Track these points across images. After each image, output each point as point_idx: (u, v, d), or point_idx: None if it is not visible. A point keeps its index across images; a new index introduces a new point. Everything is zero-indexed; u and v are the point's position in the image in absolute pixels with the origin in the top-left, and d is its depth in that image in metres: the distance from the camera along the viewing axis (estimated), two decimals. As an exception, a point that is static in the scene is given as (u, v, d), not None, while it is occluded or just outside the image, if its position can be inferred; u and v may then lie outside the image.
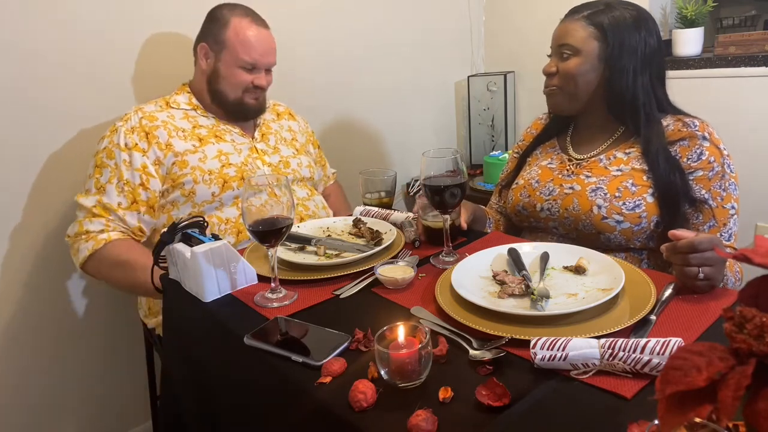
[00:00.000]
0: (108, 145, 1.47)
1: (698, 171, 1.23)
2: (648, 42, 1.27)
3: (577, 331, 0.83)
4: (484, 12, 2.67)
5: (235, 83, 1.54)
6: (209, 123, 1.58)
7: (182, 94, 1.60)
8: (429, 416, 0.67)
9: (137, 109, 1.52)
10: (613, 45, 1.25)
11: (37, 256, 1.64)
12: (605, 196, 1.25)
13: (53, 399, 1.72)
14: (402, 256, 1.19)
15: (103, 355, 1.80)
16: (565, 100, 1.33)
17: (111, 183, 1.44)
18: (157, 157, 1.47)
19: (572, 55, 1.28)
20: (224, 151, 1.55)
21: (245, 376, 0.94)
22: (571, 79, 1.29)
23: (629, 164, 1.28)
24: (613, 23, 1.25)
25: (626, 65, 1.26)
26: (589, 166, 1.33)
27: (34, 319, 1.66)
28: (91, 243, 1.42)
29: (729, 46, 1.97)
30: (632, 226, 1.24)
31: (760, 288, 0.51)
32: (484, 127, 2.63)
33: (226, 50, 1.52)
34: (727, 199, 1.24)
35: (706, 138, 1.25)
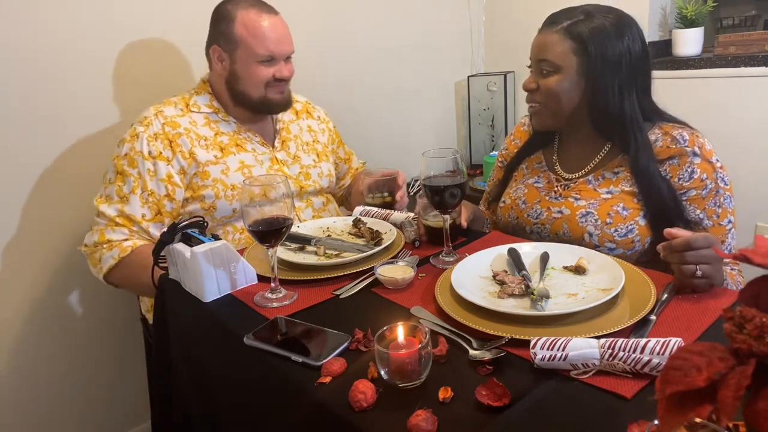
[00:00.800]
0: (129, 152, 1.40)
1: (691, 191, 1.19)
2: (632, 50, 1.19)
3: (577, 331, 0.83)
4: (484, 12, 2.67)
5: (256, 81, 1.46)
6: (231, 129, 1.53)
7: (203, 95, 1.53)
8: (429, 416, 0.67)
9: (157, 112, 1.45)
10: (595, 59, 1.18)
11: (38, 257, 1.64)
12: (596, 223, 1.21)
13: (53, 399, 1.72)
14: (402, 256, 1.19)
15: (103, 355, 1.80)
16: (549, 117, 1.28)
17: (135, 194, 1.39)
18: (181, 166, 1.43)
19: (552, 72, 1.22)
20: (246, 162, 1.50)
21: (245, 376, 0.94)
22: (553, 97, 1.23)
23: (619, 186, 1.24)
24: (593, 34, 1.18)
25: (609, 80, 1.19)
26: (578, 187, 1.29)
27: (34, 319, 1.66)
28: (116, 251, 1.37)
29: (729, 46, 1.97)
30: (625, 252, 1.22)
31: (760, 288, 0.51)
32: (484, 127, 2.63)
33: (239, 48, 1.44)
34: (723, 215, 1.20)
35: (697, 154, 1.19)
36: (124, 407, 1.85)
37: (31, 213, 1.61)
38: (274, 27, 1.45)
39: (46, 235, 1.64)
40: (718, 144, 1.98)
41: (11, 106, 1.52)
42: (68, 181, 1.64)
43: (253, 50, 1.43)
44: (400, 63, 2.44)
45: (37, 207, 1.61)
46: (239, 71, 1.46)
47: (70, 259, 1.67)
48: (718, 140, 1.98)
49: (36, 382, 1.69)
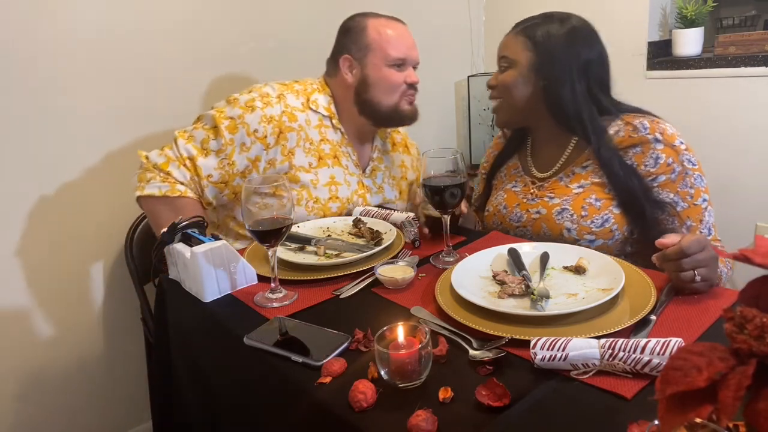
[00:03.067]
0: (236, 119, 1.38)
1: (660, 176, 1.22)
2: (582, 54, 1.26)
3: (577, 331, 0.83)
4: (484, 12, 2.67)
5: (388, 85, 1.46)
6: (336, 139, 1.51)
7: (323, 95, 1.52)
8: (429, 416, 0.67)
9: (281, 95, 1.44)
10: (543, 56, 1.27)
11: (38, 257, 1.64)
12: (572, 218, 1.25)
13: (53, 399, 1.72)
14: (402, 256, 1.19)
15: (103, 355, 1.80)
16: (505, 112, 1.36)
17: (218, 156, 1.37)
18: (274, 158, 1.41)
19: (508, 67, 1.32)
20: (336, 179, 1.49)
21: (245, 376, 0.94)
22: (506, 91, 1.32)
23: (588, 179, 1.28)
24: (545, 35, 1.27)
25: (560, 76, 1.26)
26: (551, 186, 1.33)
27: (34, 319, 1.66)
28: (166, 186, 1.35)
29: (729, 46, 1.97)
30: (606, 242, 1.24)
31: (760, 288, 0.51)
32: (484, 127, 2.63)
33: (371, 52, 1.45)
34: (696, 195, 1.23)
35: (659, 140, 1.22)
36: (124, 407, 1.85)
37: (31, 213, 1.61)
38: (404, 34, 1.50)
39: (46, 235, 1.64)
40: (718, 144, 1.99)
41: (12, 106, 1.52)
42: (70, 181, 1.64)
43: (387, 52, 1.45)
44: (400, 63, 2.43)
45: (37, 207, 1.61)
46: (371, 76, 1.46)
47: (71, 259, 1.67)
48: (717, 140, 1.99)
49: (35, 381, 1.69)
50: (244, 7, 1.88)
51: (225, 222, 1.51)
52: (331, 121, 1.51)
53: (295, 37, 2.05)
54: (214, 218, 1.53)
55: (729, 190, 1.97)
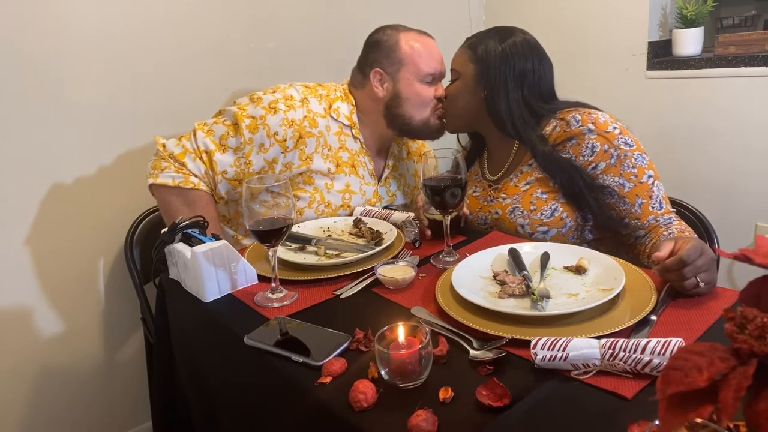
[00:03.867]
0: (258, 119, 1.37)
1: (600, 164, 1.27)
2: (517, 66, 1.34)
3: (578, 331, 0.83)
4: (484, 12, 2.67)
5: (420, 101, 1.46)
6: (355, 148, 1.52)
7: (346, 104, 1.51)
8: (429, 416, 0.67)
9: (304, 100, 1.44)
10: (482, 68, 1.36)
11: (38, 258, 1.64)
12: (523, 214, 1.32)
13: (53, 399, 1.72)
14: (402, 256, 1.19)
15: (103, 355, 1.80)
16: (451, 119, 1.47)
17: (235, 153, 1.38)
18: (291, 161, 1.41)
19: (455, 78, 1.42)
20: (351, 188, 1.50)
21: (245, 376, 0.94)
22: (452, 100, 1.43)
23: (533, 174, 1.35)
24: (484, 49, 1.37)
25: (496, 87, 1.34)
26: (503, 187, 1.40)
27: (34, 319, 1.66)
28: (180, 177, 1.36)
29: (729, 46, 1.97)
30: (559, 230, 1.30)
31: (761, 288, 0.51)
32: (484, 127, 2.62)
33: (404, 67, 1.45)
34: (640, 173, 1.27)
35: (591, 130, 1.28)
36: (125, 407, 1.85)
37: (31, 213, 1.61)
38: (434, 48, 1.50)
39: (46, 235, 1.64)
40: (718, 144, 2.00)
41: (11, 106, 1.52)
42: (70, 181, 1.64)
43: (420, 68, 1.45)
44: (400, 63, 2.43)
45: (37, 207, 1.61)
46: (403, 92, 1.46)
47: (71, 259, 1.67)
48: (717, 140, 1.99)
49: (35, 381, 1.69)
50: (244, 6, 1.88)
51: (236, 217, 1.52)
52: (351, 130, 1.51)
53: (296, 37, 2.05)
54: (225, 212, 1.54)
55: (729, 190, 1.97)
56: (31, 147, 1.57)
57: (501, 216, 1.37)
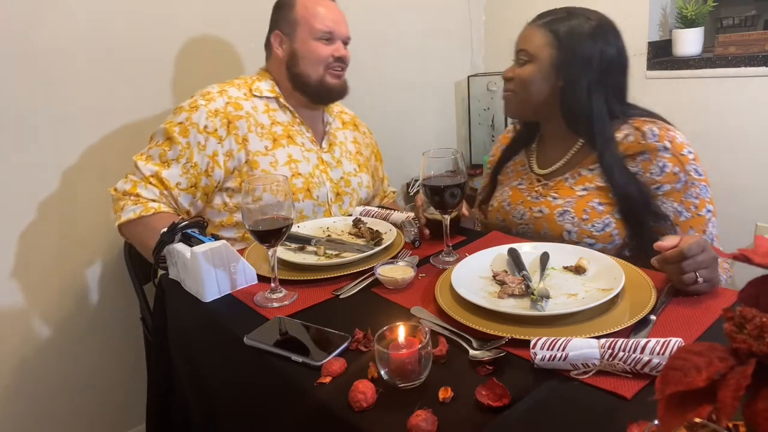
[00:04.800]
0: (185, 122, 1.41)
1: (665, 185, 1.21)
2: (605, 53, 1.23)
3: (577, 331, 0.83)
4: (484, 12, 2.67)
5: (315, 58, 1.49)
6: (286, 119, 1.54)
7: (264, 81, 1.56)
8: (429, 416, 0.67)
9: (222, 90, 1.48)
10: (566, 54, 1.24)
11: (38, 258, 1.64)
12: (573, 220, 1.24)
13: (53, 399, 1.72)
14: (402, 256, 1.19)
15: (103, 355, 1.80)
16: (517, 106, 1.34)
17: (178, 162, 1.40)
18: (231, 149, 1.43)
19: (527, 61, 1.28)
20: (294, 157, 1.51)
21: (245, 377, 0.94)
22: (523, 86, 1.29)
23: (593, 182, 1.26)
24: (568, 32, 1.24)
25: (579, 76, 1.23)
26: (556, 186, 1.32)
27: (34, 319, 1.66)
28: (140, 208, 1.38)
29: (729, 46, 1.97)
30: (605, 246, 1.23)
31: (760, 288, 0.51)
32: (484, 127, 2.63)
33: (299, 27, 1.49)
34: (700, 205, 1.21)
35: (667, 148, 1.20)
36: (124, 407, 1.85)
37: (30, 212, 1.61)
38: (332, 9, 1.53)
39: (45, 235, 1.64)
40: (718, 144, 1.99)
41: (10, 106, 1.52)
42: (70, 180, 1.64)
43: (313, 26, 1.49)
44: (400, 63, 2.43)
45: (37, 207, 1.61)
46: (299, 50, 1.50)
47: (70, 259, 1.67)
48: (717, 140, 1.99)
49: (35, 381, 1.69)
50: (244, 6, 1.88)
51: (228, 221, 1.51)
52: (277, 101, 1.55)
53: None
54: (219, 218, 1.53)
55: (729, 190, 1.97)
56: (31, 147, 1.57)
57: (546, 216, 1.28)
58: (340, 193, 1.60)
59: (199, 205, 1.46)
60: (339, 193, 1.59)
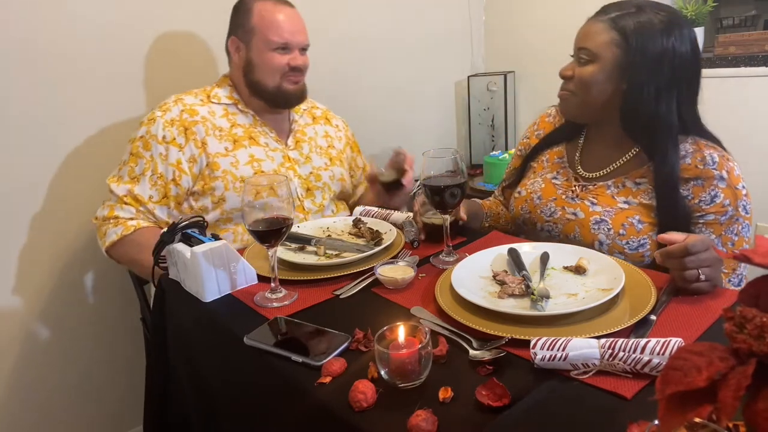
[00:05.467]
0: (145, 135, 1.44)
1: (710, 215, 1.14)
2: (678, 50, 1.13)
3: (577, 331, 0.83)
4: (484, 12, 2.67)
5: (270, 68, 1.49)
6: (247, 122, 1.55)
7: (223, 87, 1.57)
8: (429, 416, 0.67)
9: (177, 99, 1.49)
10: (634, 53, 1.13)
11: (38, 258, 1.64)
12: (608, 233, 1.18)
13: (53, 399, 1.72)
14: (402, 256, 1.19)
15: (103, 355, 1.80)
16: (576, 107, 1.24)
17: (144, 175, 1.43)
18: (192, 154, 1.45)
19: (589, 60, 1.17)
20: (256, 156, 1.51)
21: (245, 377, 0.94)
22: (584, 87, 1.19)
23: (638, 198, 1.19)
24: (638, 28, 1.13)
25: (647, 78, 1.13)
26: (596, 191, 1.25)
27: (34, 319, 1.66)
28: (120, 228, 1.40)
29: (729, 46, 1.97)
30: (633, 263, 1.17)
31: (760, 288, 0.51)
32: (484, 127, 2.63)
33: (255, 36, 1.49)
34: (738, 243, 1.16)
35: (723, 178, 1.14)
36: (124, 407, 1.85)
37: (31, 212, 1.61)
38: (289, 18, 1.51)
39: (46, 234, 1.64)
40: (718, 144, 1.99)
41: (13, 106, 1.52)
42: (70, 179, 1.64)
43: (268, 37, 1.48)
44: (400, 63, 2.43)
45: (37, 207, 1.61)
46: (255, 59, 1.50)
47: (70, 260, 1.67)
48: (718, 140, 1.99)
49: (35, 381, 1.69)
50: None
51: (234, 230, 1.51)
52: (236, 106, 1.55)
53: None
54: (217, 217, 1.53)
55: (729, 190, 1.96)
56: (31, 147, 1.57)
57: (581, 220, 1.21)
58: (311, 188, 1.60)
59: (176, 214, 1.48)
60: (309, 188, 1.60)
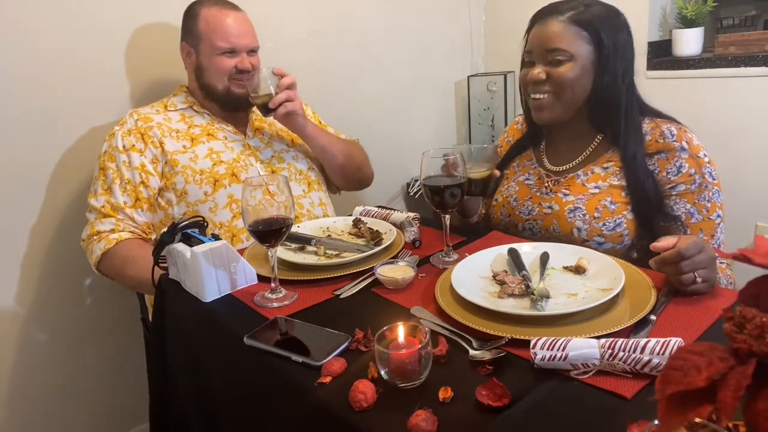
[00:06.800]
0: (108, 149, 1.50)
1: (680, 185, 1.20)
2: (628, 39, 1.22)
3: (577, 331, 0.83)
4: (484, 12, 2.67)
5: (218, 72, 1.53)
6: (204, 121, 1.59)
7: (179, 95, 1.63)
8: (429, 416, 0.67)
9: (133, 111, 1.55)
10: (607, 47, 1.19)
11: (37, 258, 1.64)
12: (584, 218, 1.23)
13: (52, 399, 1.72)
14: (402, 256, 1.19)
15: (103, 355, 1.80)
16: (559, 108, 1.24)
17: (115, 183, 1.47)
18: (154, 155, 1.50)
19: (565, 60, 1.20)
20: (215, 149, 1.55)
21: (245, 377, 0.94)
22: (567, 87, 1.21)
23: (607, 180, 1.25)
24: (602, 23, 1.19)
25: (617, 68, 1.20)
26: (567, 182, 1.30)
27: (34, 319, 1.66)
28: (102, 243, 1.44)
29: (729, 46, 1.97)
30: (614, 245, 1.22)
31: (760, 288, 0.51)
32: (484, 127, 2.63)
33: (202, 42, 1.52)
34: (712, 209, 1.21)
35: (684, 149, 1.20)
36: (124, 407, 1.85)
37: (31, 213, 1.61)
38: (234, 22, 1.53)
39: (45, 234, 1.64)
40: (718, 144, 1.99)
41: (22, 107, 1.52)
42: (68, 181, 1.64)
43: (214, 42, 1.51)
44: (400, 63, 2.44)
45: (37, 207, 1.61)
46: (204, 63, 1.55)
47: (69, 260, 1.67)
48: (717, 140, 1.99)
49: (34, 381, 1.69)
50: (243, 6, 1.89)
51: None
52: (192, 109, 1.59)
53: (295, 37, 2.05)
54: None
55: (729, 190, 1.95)
56: (31, 146, 1.57)
57: (556, 212, 1.26)
58: (275, 170, 1.62)
59: (152, 218, 1.52)
60: (274, 171, 1.62)
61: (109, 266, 1.46)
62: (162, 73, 1.76)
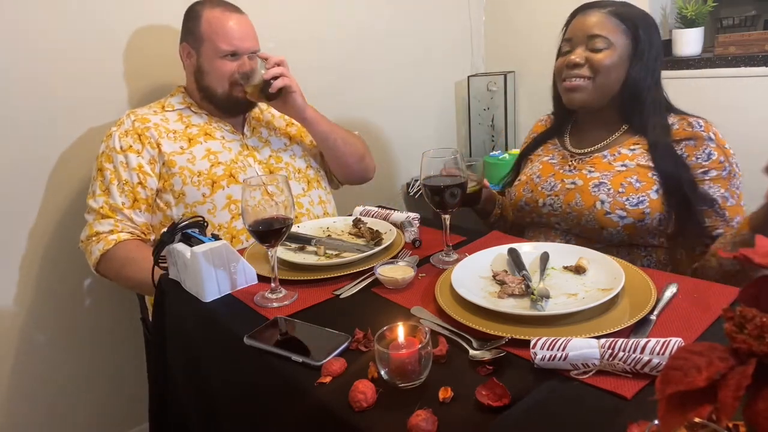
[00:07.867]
0: (105, 150, 1.49)
1: (711, 171, 1.23)
2: (660, 41, 1.29)
3: (577, 331, 0.83)
4: (484, 12, 2.67)
5: (220, 75, 1.52)
6: (201, 121, 1.58)
7: (177, 95, 1.62)
8: (429, 416, 0.67)
9: (130, 112, 1.54)
10: (644, 42, 1.26)
11: (37, 258, 1.64)
12: (609, 191, 1.25)
13: (52, 399, 1.72)
14: (402, 256, 1.19)
15: (103, 355, 1.80)
16: (593, 92, 1.29)
17: (113, 184, 1.46)
18: (151, 156, 1.49)
19: (605, 48, 1.26)
20: (213, 150, 1.54)
21: (245, 377, 0.94)
22: (603, 73, 1.27)
23: (634, 160, 1.27)
24: (641, 21, 1.27)
25: (652, 65, 1.27)
26: (592, 161, 1.32)
27: (34, 320, 1.66)
28: (101, 244, 1.44)
29: (729, 46, 1.97)
30: (635, 222, 1.23)
31: (760, 288, 0.51)
32: (484, 127, 2.63)
33: (204, 44, 1.51)
34: (740, 197, 1.26)
35: (712, 138, 1.24)
36: (124, 407, 1.85)
37: (30, 213, 1.61)
38: (237, 25, 1.52)
39: (45, 234, 1.64)
40: (718, 144, 1.99)
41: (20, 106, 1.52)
42: (68, 181, 1.64)
43: (217, 45, 1.50)
44: (400, 63, 2.43)
45: (36, 208, 1.61)
46: (204, 66, 1.53)
47: (69, 260, 1.67)
48: (718, 140, 1.99)
49: (34, 381, 1.69)
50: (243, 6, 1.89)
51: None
52: (190, 109, 1.58)
53: (296, 37, 2.05)
54: None
55: (729, 190, 1.97)
56: (31, 146, 1.57)
57: (580, 187, 1.28)
58: (273, 170, 1.62)
59: (150, 218, 1.51)
60: (272, 171, 1.61)
61: (108, 267, 1.46)
62: (162, 73, 1.76)
